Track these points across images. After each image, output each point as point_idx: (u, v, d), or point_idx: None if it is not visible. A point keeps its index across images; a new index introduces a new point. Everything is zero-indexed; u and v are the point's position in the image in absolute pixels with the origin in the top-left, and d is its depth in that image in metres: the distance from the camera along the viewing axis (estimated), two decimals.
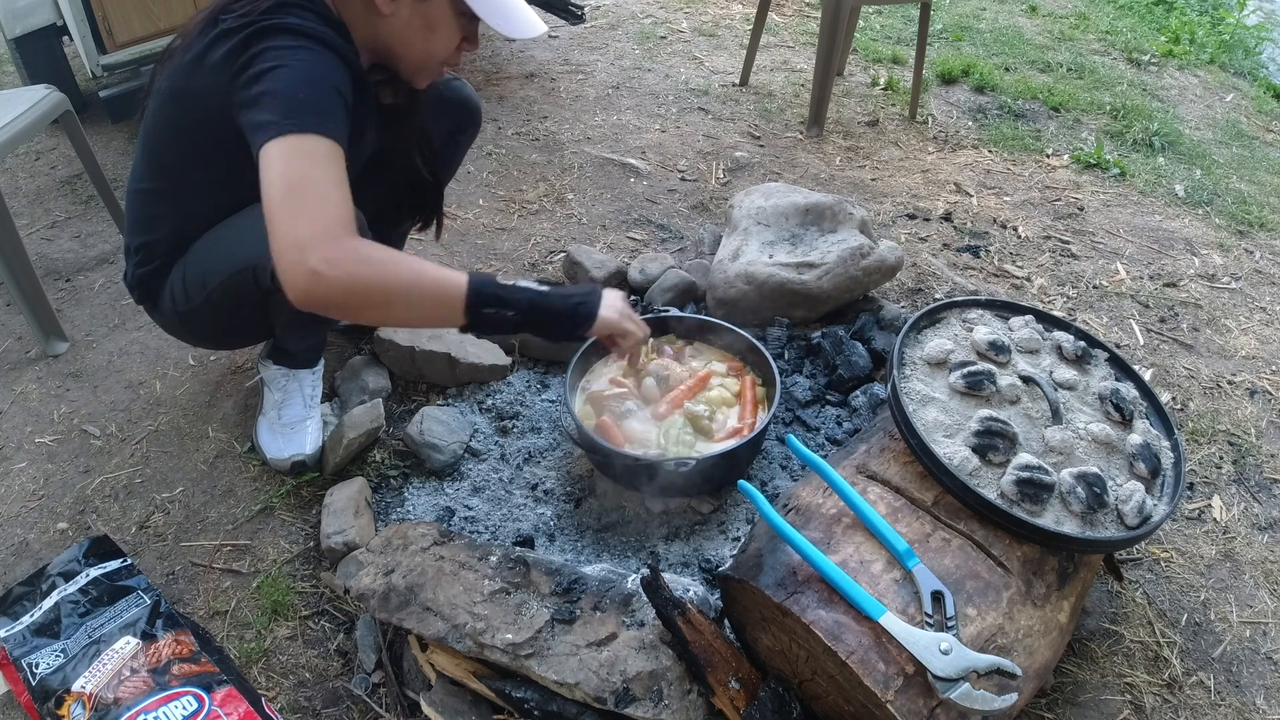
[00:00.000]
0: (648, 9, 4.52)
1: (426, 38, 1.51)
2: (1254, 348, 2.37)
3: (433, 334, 2.09)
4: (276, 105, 1.30)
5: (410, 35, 1.50)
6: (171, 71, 1.49)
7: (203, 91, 1.43)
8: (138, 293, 1.72)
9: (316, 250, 1.21)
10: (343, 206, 1.27)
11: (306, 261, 1.20)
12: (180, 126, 1.52)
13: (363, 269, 1.25)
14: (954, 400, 1.48)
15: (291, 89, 1.32)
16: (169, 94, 1.50)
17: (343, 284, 1.23)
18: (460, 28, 1.52)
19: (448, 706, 1.39)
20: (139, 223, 1.67)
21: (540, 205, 2.87)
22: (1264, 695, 1.55)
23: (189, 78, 1.46)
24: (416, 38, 1.51)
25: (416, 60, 1.55)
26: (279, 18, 1.36)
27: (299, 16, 1.38)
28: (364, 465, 1.89)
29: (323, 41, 1.39)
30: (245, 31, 1.35)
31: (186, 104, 1.48)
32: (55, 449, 1.97)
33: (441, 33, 1.51)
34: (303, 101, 1.30)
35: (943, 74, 3.88)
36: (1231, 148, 3.52)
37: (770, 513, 1.33)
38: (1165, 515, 1.40)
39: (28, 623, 1.50)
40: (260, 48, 1.35)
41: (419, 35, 1.50)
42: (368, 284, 1.26)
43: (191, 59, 1.44)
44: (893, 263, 2.26)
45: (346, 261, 1.23)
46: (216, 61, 1.38)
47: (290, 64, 1.34)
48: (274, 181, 1.25)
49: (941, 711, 1.17)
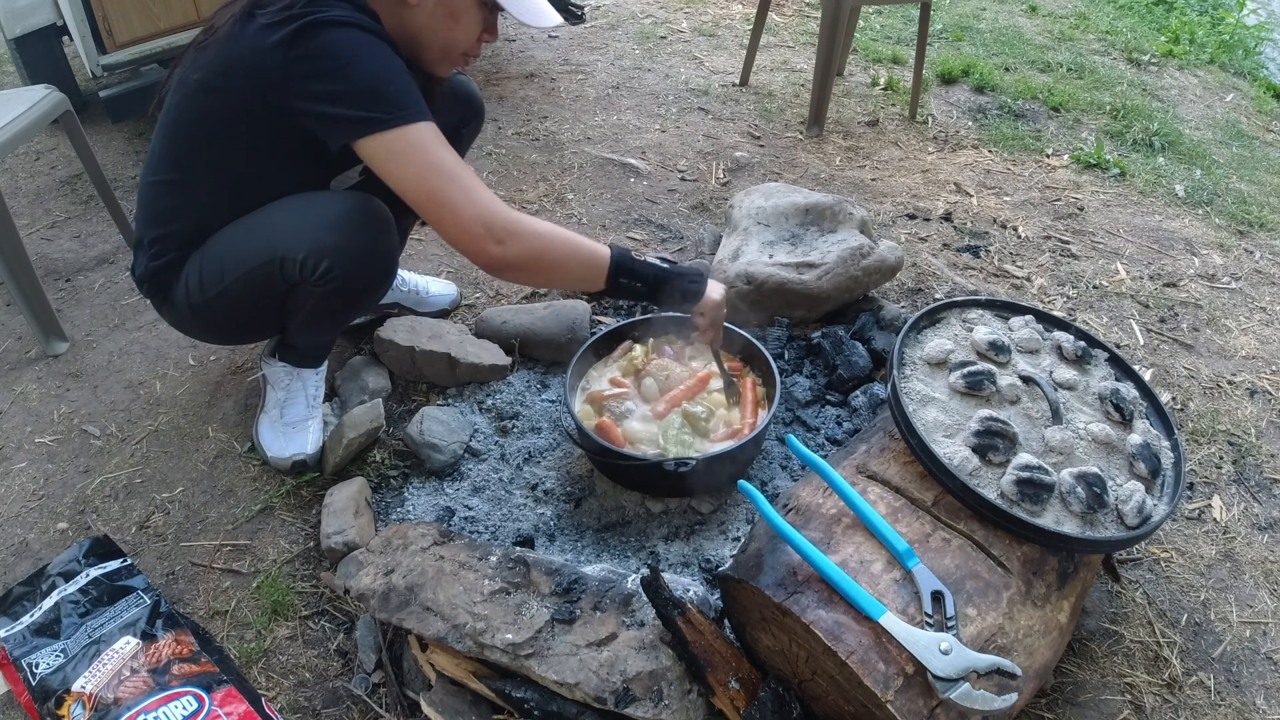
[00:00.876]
0: (648, 9, 4.52)
1: (450, 27, 1.56)
2: (1254, 348, 2.37)
3: (432, 334, 2.09)
4: (368, 100, 1.38)
5: (434, 25, 1.55)
6: (203, 64, 1.50)
7: (243, 84, 1.45)
8: (148, 286, 1.72)
9: (497, 222, 1.42)
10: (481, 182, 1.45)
11: (494, 233, 1.42)
12: (211, 118, 1.53)
13: (538, 238, 1.47)
14: (954, 400, 1.48)
15: (379, 81, 1.40)
16: (200, 86, 1.51)
17: (529, 249, 1.46)
18: (482, 18, 1.57)
19: (448, 706, 1.39)
20: (154, 215, 1.67)
21: (540, 205, 2.87)
22: (1264, 695, 1.55)
23: (226, 71, 1.46)
24: (440, 27, 1.55)
25: (439, 49, 1.59)
26: (324, 11, 1.39)
27: (343, 9, 1.41)
28: (364, 465, 1.89)
29: (376, 34, 1.44)
30: (293, 25, 1.37)
31: (221, 96, 1.49)
32: (55, 449, 1.97)
33: (464, 22, 1.56)
34: (396, 93, 1.40)
35: (943, 74, 3.88)
36: (1231, 148, 3.52)
37: (770, 513, 1.33)
38: (1165, 515, 1.40)
39: (28, 623, 1.50)
40: (319, 42, 1.38)
41: (443, 25, 1.55)
42: (545, 249, 1.49)
43: (228, 52, 1.45)
44: (893, 263, 2.26)
45: (525, 232, 1.45)
46: (262, 55, 1.40)
47: (362, 58, 1.40)
48: (420, 170, 1.40)
49: (941, 711, 1.17)
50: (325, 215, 1.54)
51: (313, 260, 1.51)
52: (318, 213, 1.55)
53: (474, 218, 1.41)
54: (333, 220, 1.53)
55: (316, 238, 1.52)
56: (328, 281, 1.54)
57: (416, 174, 1.40)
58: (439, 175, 1.40)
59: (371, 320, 2.19)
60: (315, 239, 1.52)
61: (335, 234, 1.52)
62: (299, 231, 1.53)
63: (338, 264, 1.52)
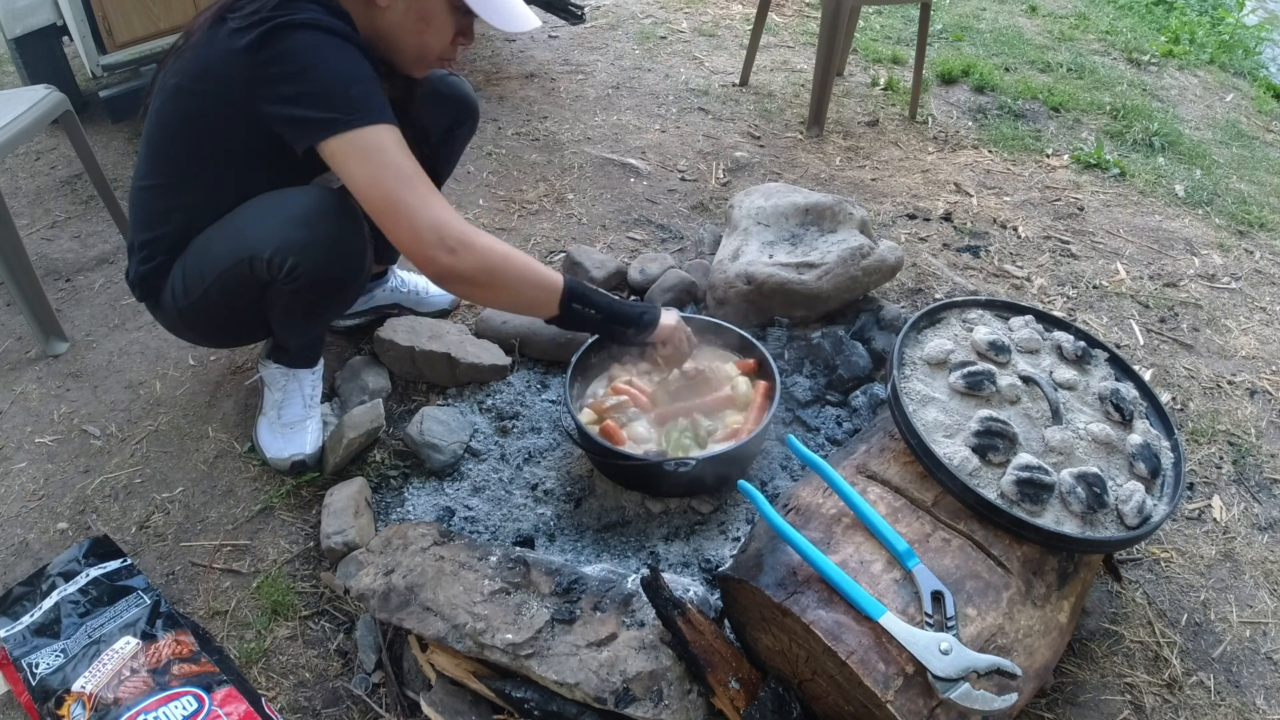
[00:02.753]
0: (648, 9, 4.52)
1: (421, 30, 1.54)
2: (1254, 348, 2.37)
3: (432, 334, 2.09)
4: (329, 101, 1.36)
5: (406, 27, 1.53)
6: (179, 69, 1.50)
7: (215, 88, 1.45)
8: (140, 290, 1.73)
9: (451, 232, 1.38)
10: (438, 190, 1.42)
11: (446, 242, 1.37)
12: (189, 122, 1.53)
13: (492, 253, 1.44)
14: (954, 400, 1.48)
15: (341, 83, 1.38)
16: (176, 90, 1.52)
17: (482, 262, 1.42)
18: (454, 22, 1.55)
19: (448, 706, 1.39)
20: (142, 220, 1.67)
21: (540, 205, 2.87)
22: (1264, 695, 1.55)
23: (200, 75, 1.47)
24: (411, 30, 1.53)
25: (412, 53, 1.58)
26: (292, 13, 1.38)
27: (311, 12, 1.40)
28: (364, 465, 1.89)
29: (343, 36, 1.42)
30: (261, 29, 1.37)
31: (197, 100, 1.49)
32: (55, 449, 1.97)
33: (436, 26, 1.53)
34: (358, 95, 1.38)
35: (943, 74, 3.88)
36: (1231, 148, 3.52)
37: (770, 513, 1.33)
38: (1165, 515, 1.40)
39: (28, 623, 1.50)
40: (284, 45, 1.37)
41: (414, 28, 1.53)
42: (498, 266, 1.46)
43: (202, 56, 1.46)
44: (893, 263, 2.26)
45: (479, 245, 1.41)
46: (231, 58, 1.40)
47: (326, 60, 1.38)
48: (376, 171, 1.36)
49: (941, 711, 1.17)
50: (291, 211, 1.53)
51: (279, 258, 1.49)
52: (284, 210, 1.54)
53: (428, 224, 1.37)
54: (298, 216, 1.52)
55: (282, 234, 1.50)
56: (294, 278, 1.52)
57: (370, 175, 1.37)
58: (395, 179, 1.37)
59: (371, 320, 2.19)
60: (281, 236, 1.50)
61: (300, 230, 1.51)
62: (264, 230, 1.52)
63: (303, 260, 1.50)
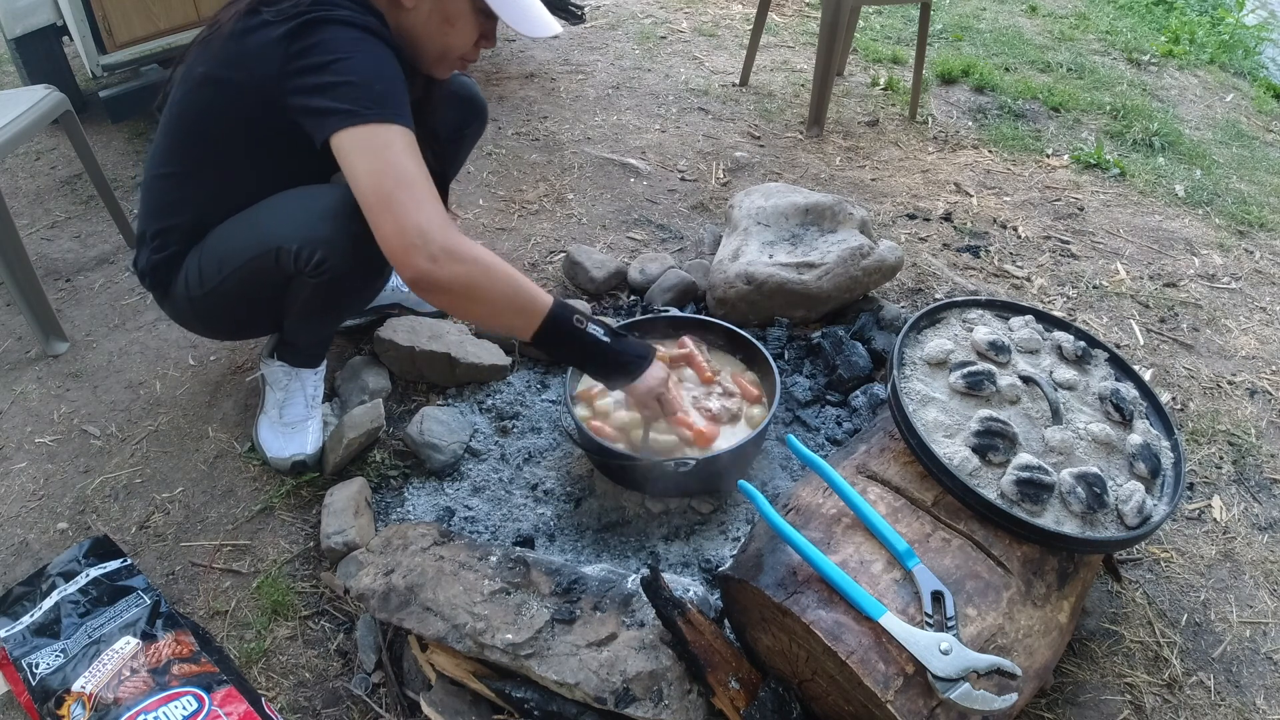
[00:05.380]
0: (648, 9, 4.52)
1: (445, 31, 1.55)
2: (1254, 348, 2.37)
3: (432, 334, 2.09)
4: (352, 94, 1.36)
5: (430, 28, 1.54)
6: (207, 58, 1.51)
7: (246, 77, 1.46)
8: (150, 279, 1.73)
9: (437, 238, 1.32)
10: (439, 200, 1.37)
11: (429, 247, 1.31)
12: (214, 111, 1.54)
13: (476, 266, 1.37)
14: (954, 400, 1.48)
15: (366, 79, 1.38)
16: (204, 79, 1.52)
17: (462, 275, 1.35)
18: (478, 24, 1.57)
19: (448, 706, 1.39)
20: (157, 208, 1.68)
21: (540, 205, 2.87)
22: (1264, 695, 1.55)
23: (231, 63, 1.47)
24: (435, 31, 1.55)
25: (434, 53, 1.59)
26: (329, 9, 1.40)
27: (348, 9, 1.41)
28: (364, 465, 1.89)
29: (378, 35, 1.43)
30: (296, 21, 1.38)
31: (226, 89, 1.50)
32: (55, 449, 1.97)
33: (460, 28, 1.55)
34: (381, 92, 1.37)
35: (943, 74, 3.88)
36: (1231, 148, 3.52)
37: (770, 513, 1.33)
38: (1165, 515, 1.40)
39: (28, 623, 1.50)
40: (318, 38, 1.38)
41: (438, 29, 1.55)
42: (478, 282, 1.38)
43: (234, 46, 1.46)
44: (893, 263, 2.26)
45: (463, 255, 1.35)
46: (265, 49, 1.41)
47: (356, 55, 1.39)
48: (378, 166, 1.33)
49: (941, 711, 1.17)
50: (320, 207, 1.54)
51: (306, 251, 1.51)
52: (313, 205, 1.55)
53: (415, 227, 1.31)
54: (327, 212, 1.53)
55: (311, 229, 1.52)
56: (321, 272, 1.53)
57: (370, 169, 1.34)
58: (394, 177, 1.33)
59: (371, 320, 2.19)
60: (311, 229, 1.52)
61: (329, 225, 1.52)
62: (294, 223, 1.54)
63: (331, 255, 1.52)
